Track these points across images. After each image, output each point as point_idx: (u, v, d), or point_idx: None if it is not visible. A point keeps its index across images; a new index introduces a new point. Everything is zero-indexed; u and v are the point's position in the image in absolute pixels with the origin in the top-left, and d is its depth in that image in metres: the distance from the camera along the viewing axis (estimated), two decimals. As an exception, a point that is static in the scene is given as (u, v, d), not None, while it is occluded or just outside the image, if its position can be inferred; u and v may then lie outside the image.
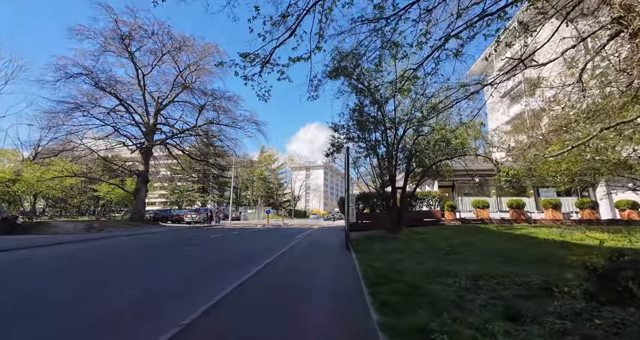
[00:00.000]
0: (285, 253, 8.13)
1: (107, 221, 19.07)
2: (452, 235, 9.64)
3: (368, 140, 11.62)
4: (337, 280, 5.05)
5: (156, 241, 11.79)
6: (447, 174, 12.50)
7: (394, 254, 7.21)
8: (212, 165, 40.69)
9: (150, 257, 7.62)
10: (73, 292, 4.26)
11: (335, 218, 54.42)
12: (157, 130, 23.30)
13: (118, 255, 8.09)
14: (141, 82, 20.88)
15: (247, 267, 5.85)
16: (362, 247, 8.86)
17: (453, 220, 15.51)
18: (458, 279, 4.31)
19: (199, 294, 4.06)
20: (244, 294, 4.06)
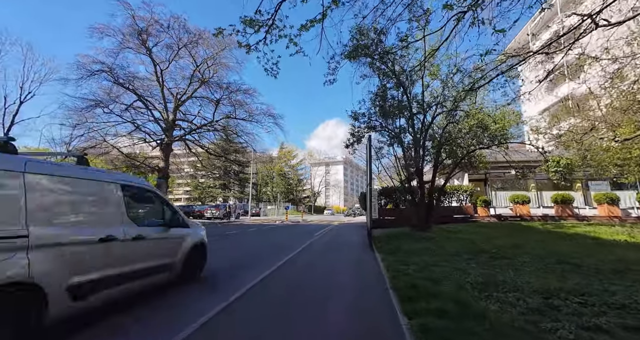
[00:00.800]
0: (303, 252, 7.36)
1: None
2: (493, 235, 8.41)
3: (391, 129, 10.52)
4: (360, 290, 4.18)
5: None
6: (481, 166, 11.13)
7: (425, 255, 6.21)
8: (232, 162, 41.03)
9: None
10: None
11: (355, 214, 53.30)
12: (176, 127, 23.40)
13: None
14: (159, 78, 20.93)
15: (252, 273, 5.14)
16: (386, 246, 7.90)
17: (487, 217, 14.03)
18: (521, 295, 3.28)
19: (188, 307, 3.36)
20: (234, 314, 3.31)
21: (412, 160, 9.85)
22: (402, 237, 9.34)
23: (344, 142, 11.30)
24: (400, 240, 8.87)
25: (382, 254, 6.87)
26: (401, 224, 13.85)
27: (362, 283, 4.55)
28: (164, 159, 22.08)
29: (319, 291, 4.01)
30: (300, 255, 6.93)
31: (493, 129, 8.81)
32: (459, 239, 8.07)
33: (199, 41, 20.33)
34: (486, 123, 8.86)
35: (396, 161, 11.33)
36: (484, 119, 8.87)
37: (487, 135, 9.16)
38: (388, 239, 9.33)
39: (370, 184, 8.38)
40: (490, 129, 8.86)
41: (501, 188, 17.76)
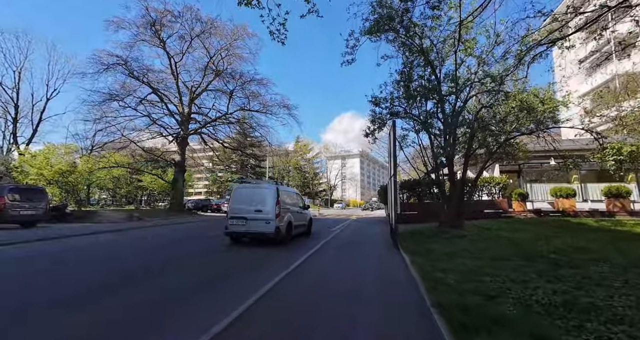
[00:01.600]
0: (318, 253, 6.59)
1: (147, 210, 19.56)
2: (540, 233, 7.22)
3: (417, 115, 9.40)
4: (391, 308, 3.32)
5: (180, 233, 11.16)
6: (521, 155, 9.80)
7: (464, 259, 5.23)
8: (249, 155, 40.97)
9: (149, 258, 6.66)
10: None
11: (373, 208, 52.06)
12: (191, 120, 23.26)
13: (123, 254, 7.32)
14: (174, 71, 20.69)
15: (254, 279, 4.42)
16: (414, 245, 6.97)
17: (524, 212, 12.62)
18: (633, 331, 2.29)
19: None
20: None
21: (441, 148, 8.72)
22: (430, 235, 8.35)
23: (363, 131, 10.31)
24: (428, 238, 7.88)
25: (411, 255, 5.96)
26: (425, 219, 12.76)
27: (393, 297, 3.69)
28: (180, 152, 22.04)
29: (336, 310, 3.20)
30: (318, 254, 6.16)
31: (540, 110, 7.49)
32: (499, 238, 6.97)
33: (212, 30, 19.80)
34: (532, 104, 7.54)
35: (421, 151, 10.22)
36: (528, 99, 7.55)
37: (531, 119, 7.84)
38: (414, 237, 8.37)
39: (395, 174, 7.42)
40: (538, 111, 7.54)
41: (535, 180, 16.10)
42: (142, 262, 5.78)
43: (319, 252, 6.66)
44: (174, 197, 21.52)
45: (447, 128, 8.29)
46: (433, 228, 9.63)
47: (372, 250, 7.09)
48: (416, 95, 8.30)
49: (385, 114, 9.89)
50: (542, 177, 16.23)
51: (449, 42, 8.07)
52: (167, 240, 9.07)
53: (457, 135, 9.12)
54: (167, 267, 5.26)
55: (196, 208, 29.11)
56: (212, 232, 10.90)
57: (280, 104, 22.00)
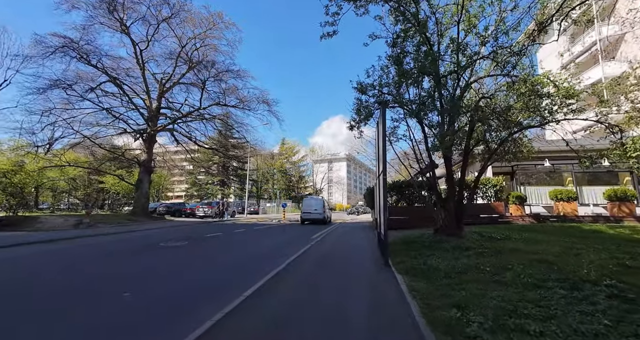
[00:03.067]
0: (280, 278, 4.95)
1: (104, 215, 17.21)
2: (562, 244, 5.89)
3: (409, 102, 8.02)
4: None
5: (125, 244, 9.20)
6: (525, 153, 8.60)
7: (482, 283, 3.77)
8: (230, 157, 38.83)
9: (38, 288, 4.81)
10: None
11: (359, 212, 50.79)
12: (161, 116, 21.12)
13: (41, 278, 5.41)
14: (139, 60, 18.56)
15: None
16: (409, 261, 5.47)
17: (523, 217, 11.48)
18: None
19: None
20: None
21: (437, 141, 7.33)
22: (426, 245, 6.89)
23: (348, 123, 8.80)
24: (425, 249, 6.41)
25: (407, 277, 4.44)
26: (416, 225, 11.40)
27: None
28: (147, 151, 19.82)
29: None
30: (276, 283, 4.52)
31: (556, 94, 6.26)
32: (515, 251, 5.57)
33: (182, 15, 17.90)
34: (544, 89, 6.29)
35: (413, 146, 8.81)
36: (541, 80, 6.31)
37: (544, 107, 6.60)
38: (407, 248, 6.88)
39: (384, 171, 5.93)
40: (553, 96, 6.30)
41: (528, 183, 15.20)
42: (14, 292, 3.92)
43: (283, 276, 5.01)
44: (138, 200, 19.21)
45: (447, 113, 6.91)
46: (427, 236, 8.20)
47: (355, 269, 5.51)
48: (411, 72, 6.87)
49: (373, 103, 8.43)
50: (531, 179, 15.36)
51: (450, 12, 6.74)
52: (96, 255, 7.14)
53: (455, 127, 7.76)
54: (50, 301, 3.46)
55: (169, 212, 26.69)
56: (169, 241, 9.01)
57: (260, 99, 20.31)
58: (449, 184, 7.89)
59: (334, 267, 5.67)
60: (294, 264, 5.72)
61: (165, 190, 55.97)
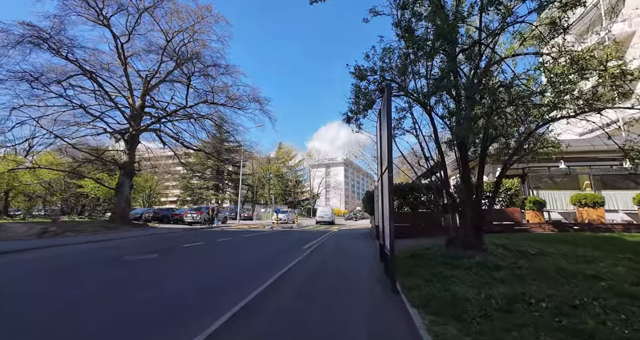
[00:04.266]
0: (250, 311, 3.55)
1: (77, 222, 15.68)
2: (629, 263, 4.55)
3: (414, 92, 6.74)
4: None
5: (83, 259, 7.74)
6: (551, 151, 7.33)
7: (546, 330, 2.40)
8: (219, 159, 37.46)
9: None
10: None
11: (357, 217, 49.30)
12: (146, 115, 19.74)
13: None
14: (122, 55, 17.25)
15: None
16: (425, 286, 4.10)
17: (542, 225, 10.14)
18: None
19: None
20: None
21: (455, 134, 6.03)
22: (443, 262, 5.52)
23: (344, 115, 7.50)
24: (442, 268, 5.03)
25: (428, 316, 3.05)
26: (420, 234, 10.05)
27: None
28: (129, 152, 18.37)
29: None
30: (236, 331, 3.12)
31: (605, 75, 4.97)
32: (563, 272, 4.21)
33: (166, 6, 16.69)
34: (589, 64, 5.01)
35: (420, 142, 7.48)
36: (583, 58, 5.04)
37: (586, 92, 5.32)
38: (418, 265, 5.50)
39: (390, 167, 4.59)
40: (603, 76, 5.02)
41: (538, 186, 13.92)
42: None
43: (253, 310, 3.60)
44: (118, 206, 17.67)
45: (470, 94, 5.61)
46: (439, 248, 6.84)
47: (353, 297, 4.11)
48: (424, 41, 5.57)
49: (374, 90, 7.15)
50: (541, 182, 14.08)
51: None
52: (30, 273, 5.67)
53: (473, 116, 6.46)
54: None
55: (156, 218, 25.09)
56: (136, 254, 7.56)
57: (251, 97, 18.99)
58: (465, 186, 6.55)
59: (324, 295, 4.26)
60: (274, 289, 4.31)
61: (156, 195, 54.20)
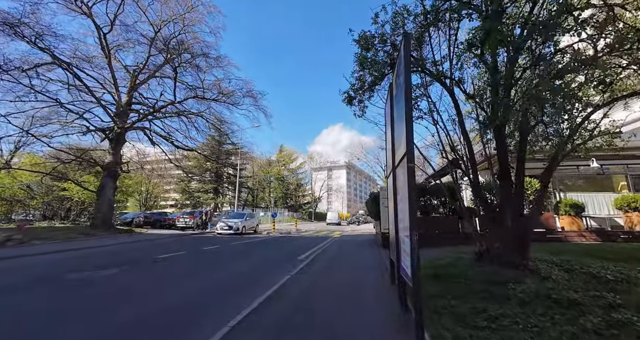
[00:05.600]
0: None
1: (45, 229, 14.29)
2: None
3: (435, 63, 5.26)
4: None
5: (32, 272, 6.25)
6: (605, 145, 5.80)
7: None
8: (211, 159, 36.11)
9: None
10: None
11: (360, 221, 47.54)
12: (133, 112, 18.42)
13: None
14: (105, 47, 15.98)
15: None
16: (469, 337, 2.55)
17: (581, 233, 8.51)
18: None
19: None
20: None
21: (484, 114, 4.51)
22: (481, 290, 3.96)
23: (344, 95, 6.00)
24: (486, 305, 3.46)
25: None
26: (435, 241, 8.48)
27: None
28: (112, 152, 17.00)
29: None
30: None
31: None
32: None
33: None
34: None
35: (438, 129, 5.94)
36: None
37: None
38: (445, 293, 3.94)
39: (410, 152, 3.09)
40: None
41: (565, 188, 12.27)
42: None
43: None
44: (99, 210, 16.24)
45: (511, 61, 4.11)
46: (467, 264, 5.29)
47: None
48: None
49: (384, 63, 5.66)
50: (563, 184, 12.42)
51: None
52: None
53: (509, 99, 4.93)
54: None
55: (147, 223, 23.70)
56: (99, 268, 6.06)
57: (244, 91, 17.56)
58: (504, 186, 5.00)
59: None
60: (247, 326, 2.79)
61: (154, 199, 52.91)
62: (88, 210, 20.55)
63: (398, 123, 3.83)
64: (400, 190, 3.78)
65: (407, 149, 3.24)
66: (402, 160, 3.50)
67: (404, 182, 3.44)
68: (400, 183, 3.78)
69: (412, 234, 3.07)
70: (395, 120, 4.16)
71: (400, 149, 3.62)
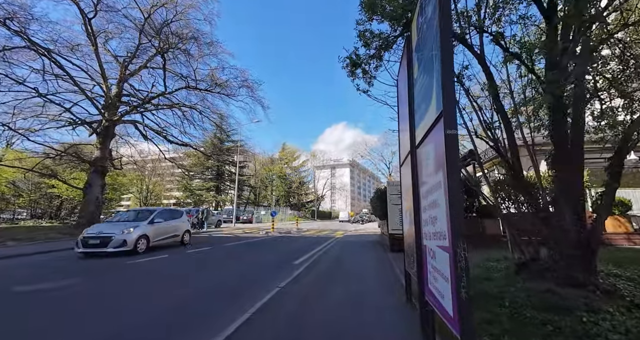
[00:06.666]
0: None
1: (23, 229, 13.30)
2: None
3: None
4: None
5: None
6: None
7: None
8: (223, 162, 35.27)
9: None
10: None
11: (363, 220, 46.14)
12: (123, 104, 17.35)
13: None
14: (91, 34, 14.89)
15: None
16: None
17: (629, 236, 7.16)
18: None
19: None
20: None
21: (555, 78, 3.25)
22: (541, 322, 2.72)
23: (345, 62, 4.74)
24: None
25: None
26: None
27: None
28: (100, 146, 15.97)
29: None
30: None
31: None
32: None
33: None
34: None
35: (472, 102, 4.67)
36: None
37: None
38: (492, 329, 2.71)
39: (450, 110, 1.90)
40: None
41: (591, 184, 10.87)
42: None
43: None
44: (85, 208, 15.25)
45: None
46: (501, 274, 4.06)
47: None
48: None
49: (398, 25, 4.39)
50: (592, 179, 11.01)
51: None
52: None
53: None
54: None
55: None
56: (47, 281, 4.93)
57: (239, 80, 16.35)
58: (561, 176, 3.72)
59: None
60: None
61: (155, 197, 52.26)
62: (78, 208, 19.60)
63: (424, 75, 2.59)
64: (427, 177, 2.54)
65: (445, 108, 2.01)
66: (433, 127, 2.26)
67: (437, 162, 2.20)
68: (428, 165, 2.53)
69: (455, 246, 1.85)
70: (420, 74, 2.91)
71: (429, 112, 2.38)
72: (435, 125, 2.21)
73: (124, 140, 19.50)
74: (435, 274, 2.35)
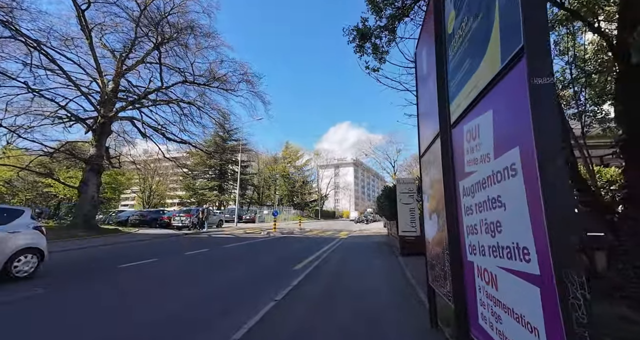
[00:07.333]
0: None
1: None
2: None
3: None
4: None
5: None
6: None
7: None
8: (226, 161, 34.75)
9: None
10: None
11: (368, 220, 45.20)
12: (120, 100, 16.78)
13: None
14: (85, 26, 14.30)
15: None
16: None
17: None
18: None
19: None
20: None
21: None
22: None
23: (351, 35, 3.95)
24: None
25: None
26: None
27: None
28: (96, 144, 15.41)
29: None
30: None
31: None
32: None
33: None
34: None
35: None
36: None
37: None
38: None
39: (542, 25, 1.17)
40: None
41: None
42: None
43: None
44: (80, 208, 14.71)
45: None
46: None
47: None
48: None
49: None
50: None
51: None
52: None
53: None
54: None
55: (143, 221, 22.35)
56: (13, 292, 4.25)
57: (238, 74, 15.64)
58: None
59: None
60: None
61: (158, 197, 52.03)
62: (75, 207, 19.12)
63: (471, 18, 1.80)
64: (474, 164, 1.75)
65: (528, 44, 1.22)
66: (497, 82, 1.47)
67: (502, 137, 1.40)
68: (479, 146, 1.73)
69: (555, 276, 1.06)
70: (461, 21, 2.11)
71: (484, 66, 1.58)
72: (502, 78, 1.42)
73: (121, 138, 18.95)
74: (497, 308, 1.56)
